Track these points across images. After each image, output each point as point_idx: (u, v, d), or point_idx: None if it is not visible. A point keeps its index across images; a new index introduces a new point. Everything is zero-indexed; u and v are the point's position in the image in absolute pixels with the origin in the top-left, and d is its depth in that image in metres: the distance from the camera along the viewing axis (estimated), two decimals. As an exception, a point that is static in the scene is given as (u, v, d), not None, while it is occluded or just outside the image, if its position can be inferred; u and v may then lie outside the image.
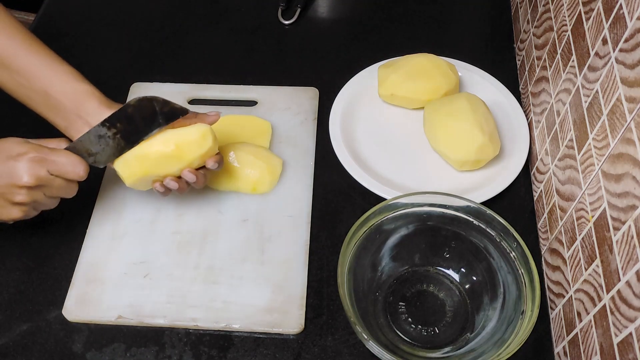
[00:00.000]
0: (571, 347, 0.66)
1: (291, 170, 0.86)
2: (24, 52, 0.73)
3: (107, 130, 0.71)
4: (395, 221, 0.73)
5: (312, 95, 0.95)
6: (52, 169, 0.67)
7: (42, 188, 0.68)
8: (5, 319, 0.75)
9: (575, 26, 0.73)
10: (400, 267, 0.76)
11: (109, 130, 0.71)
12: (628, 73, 0.58)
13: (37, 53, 0.73)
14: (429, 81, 0.89)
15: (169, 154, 0.71)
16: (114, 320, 0.74)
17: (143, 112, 0.71)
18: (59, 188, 0.69)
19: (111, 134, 0.71)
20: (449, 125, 0.83)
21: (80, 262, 0.78)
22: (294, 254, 0.78)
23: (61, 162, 0.68)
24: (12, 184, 0.66)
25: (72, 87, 0.73)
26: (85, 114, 0.73)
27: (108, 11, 1.10)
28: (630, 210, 0.54)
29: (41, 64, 0.73)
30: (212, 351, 0.72)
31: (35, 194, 0.67)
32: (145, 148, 0.71)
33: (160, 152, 0.71)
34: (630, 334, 0.53)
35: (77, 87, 0.73)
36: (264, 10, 1.09)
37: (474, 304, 0.74)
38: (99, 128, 0.71)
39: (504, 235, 0.71)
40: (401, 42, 1.03)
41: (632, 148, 0.55)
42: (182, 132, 0.72)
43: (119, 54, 1.04)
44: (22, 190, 0.66)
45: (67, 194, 0.71)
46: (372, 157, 0.88)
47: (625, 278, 0.54)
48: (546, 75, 0.83)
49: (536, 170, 0.84)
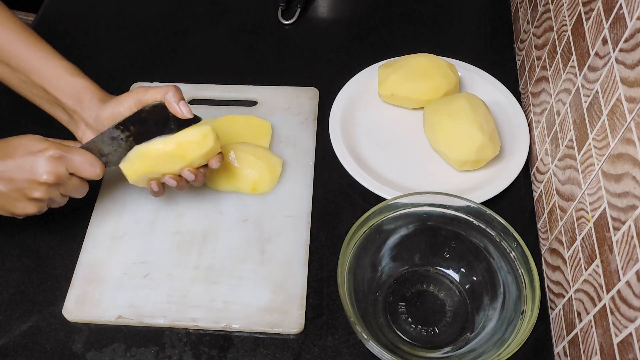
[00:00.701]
0: (571, 347, 0.66)
1: (291, 170, 0.86)
2: (23, 47, 0.73)
3: (120, 133, 0.72)
4: (395, 221, 0.73)
5: (312, 95, 0.95)
6: (70, 167, 0.68)
7: (59, 186, 0.69)
8: (5, 319, 0.75)
9: (575, 26, 0.73)
10: (400, 267, 0.76)
11: (122, 132, 0.72)
12: (628, 73, 0.58)
13: (35, 48, 0.74)
14: (429, 81, 0.89)
15: (170, 152, 0.72)
16: (114, 320, 0.74)
17: (156, 116, 0.72)
18: (74, 187, 0.70)
19: (124, 137, 0.72)
20: (449, 125, 0.83)
21: (80, 262, 0.78)
22: (294, 254, 0.78)
23: (79, 161, 0.69)
24: (32, 180, 0.67)
25: (68, 82, 0.73)
26: (81, 108, 0.74)
27: (108, 11, 1.10)
28: (630, 210, 0.54)
29: (39, 59, 0.73)
30: (212, 351, 0.72)
31: (52, 191, 0.69)
32: (147, 146, 0.72)
33: (162, 150, 0.72)
34: (630, 334, 0.53)
35: (73, 82, 0.74)
36: (264, 10, 1.09)
37: (474, 304, 0.74)
38: (113, 130, 0.72)
39: (504, 235, 0.71)
40: (401, 42, 1.03)
41: (632, 148, 0.55)
42: (184, 132, 0.72)
43: (119, 54, 1.04)
44: (40, 187, 0.67)
45: (80, 193, 0.72)
46: (372, 157, 0.88)
47: (625, 278, 0.54)
48: (546, 75, 0.83)
49: (536, 170, 0.84)
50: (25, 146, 0.67)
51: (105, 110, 0.73)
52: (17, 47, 0.73)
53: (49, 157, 0.67)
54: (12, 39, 0.73)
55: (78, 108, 0.73)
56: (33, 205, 0.69)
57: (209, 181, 0.83)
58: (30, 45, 0.74)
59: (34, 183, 0.67)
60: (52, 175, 0.67)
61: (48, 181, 0.67)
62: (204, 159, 0.74)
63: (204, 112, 0.87)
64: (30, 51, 0.73)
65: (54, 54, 0.75)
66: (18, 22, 0.75)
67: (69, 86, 0.73)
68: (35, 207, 0.69)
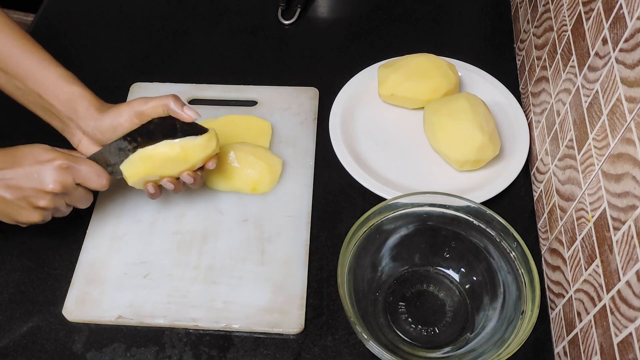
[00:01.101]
0: (571, 347, 0.66)
1: (291, 170, 0.86)
2: (19, 53, 0.73)
3: (127, 144, 0.73)
4: (395, 221, 0.73)
5: (312, 95, 0.95)
6: (77, 177, 0.69)
7: (64, 195, 0.70)
8: (5, 319, 0.75)
9: (575, 26, 0.73)
10: (400, 267, 0.76)
11: (129, 144, 0.73)
12: (628, 73, 0.58)
13: (31, 55, 0.74)
14: (429, 81, 0.89)
15: (174, 156, 0.72)
16: (114, 320, 0.74)
17: (164, 127, 0.73)
18: (79, 197, 0.71)
19: (131, 148, 0.73)
20: (449, 125, 0.83)
21: (80, 262, 0.78)
22: (294, 254, 0.78)
23: (86, 171, 0.70)
24: (38, 189, 0.67)
25: (63, 90, 0.73)
26: (76, 116, 0.74)
27: (108, 11, 1.10)
28: (630, 210, 0.54)
29: (35, 66, 0.73)
30: (212, 351, 0.72)
31: (57, 201, 0.69)
32: (151, 150, 0.72)
33: (165, 154, 0.72)
34: (630, 334, 0.53)
35: (68, 90, 0.73)
36: (264, 10, 1.09)
37: (474, 304, 0.74)
38: (120, 141, 0.73)
39: (504, 235, 0.71)
40: (401, 42, 1.03)
41: (632, 148, 0.55)
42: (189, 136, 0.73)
43: (119, 54, 1.04)
44: (46, 196, 0.68)
45: (84, 203, 0.73)
46: (372, 157, 0.88)
47: (625, 278, 0.54)
48: (546, 75, 0.83)
49: (536, 170, 0.84)
50: (33, 155, 0.68)
51: (104, 121, 0.73)
52: (14, 53, 0.73)
53: (56, 166, 0.67)
54: (8, 45, 0.73)
55: (74, 116, 0.73)
56: (38, 213, 0.69)
57: (208, 181, 0.83)
58: (27, 51, 0.73)
59: (40, 192, 0.67)
60: (59, 184, 0.67)
61: (54, 190, 0.67)
62: (204, 161, 0.74)
63: (204, 112, 0.88)
64: (27, 57, 0.73)
65: (50, 61, 0.74)
66: (15, 28, 0.74)
67: (64, 94, 0.73)
68: (40, 216, 0.70)
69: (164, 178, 0.74)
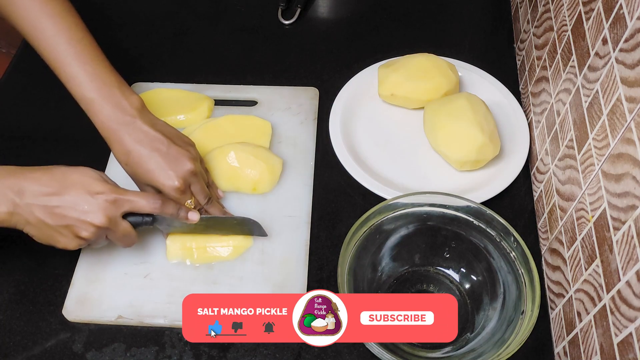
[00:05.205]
0: (571, 347, 0.66)
1: (291, 170, 0.86)
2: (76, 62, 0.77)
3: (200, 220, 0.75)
4: (395, 221, 0.73)
5: (312, 95, 0.95)
6: (127, 208, 0.68)
7: (107, 230, 0.68)
8: (5, 319, 0.75)
9: (575, 26, 0.73)
10: (400, 267, 0.76)
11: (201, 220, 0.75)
12: (628, 73, 0.58)
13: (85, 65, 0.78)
14: (429, 81, 0.89)
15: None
16: (114, 320, 0.74)
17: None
18: (122, 233, 0.70)
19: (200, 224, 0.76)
20: (449, 125, 0.83)
21: (80, 262, 0.78)
22: (294, 254, 0.78)
23: (136, 200, 0.69)
24: (84, 220, 0.66)
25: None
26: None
27: (108, 11, 1.10)
28: (630, 210, 0.54)
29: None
30: (212, 351, 0.72)
31: (99, 233, 0.68)
32: (201, 242, 0.78)
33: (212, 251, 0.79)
34: (630, 334, 0.53)
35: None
36: (264, 10, 1.09)
37: (474, 304, 0.74)
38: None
39: (504, 235, 0.71)
40: (401, 42, 1.03)
41: (632, 148, 0.55)
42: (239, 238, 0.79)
43: (119, 53, 1.03)
44: (90, 228, 0.67)
45: (125, 242, 0.72)
46: (372, 157, 0.88)
47: (625, 278, 0.54)
48: (546, 75, 0.83)
49: (536, 170, 0.84)
50: (84, 185, 0.67)
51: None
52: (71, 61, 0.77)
53: (105, 200, 0.67)
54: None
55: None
56: (77, 242, 0.68)
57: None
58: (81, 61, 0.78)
59: (85, 223, 0.66)
60: (105, 218, 0.67)
61: (100, 224, 0.66)
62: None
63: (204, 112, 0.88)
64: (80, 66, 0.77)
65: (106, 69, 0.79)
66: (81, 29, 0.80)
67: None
68: (78, 245, 0.69)
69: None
